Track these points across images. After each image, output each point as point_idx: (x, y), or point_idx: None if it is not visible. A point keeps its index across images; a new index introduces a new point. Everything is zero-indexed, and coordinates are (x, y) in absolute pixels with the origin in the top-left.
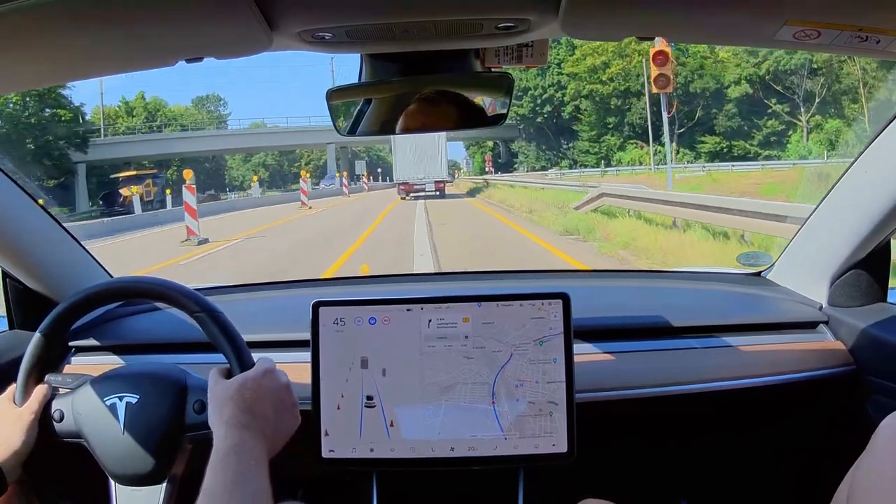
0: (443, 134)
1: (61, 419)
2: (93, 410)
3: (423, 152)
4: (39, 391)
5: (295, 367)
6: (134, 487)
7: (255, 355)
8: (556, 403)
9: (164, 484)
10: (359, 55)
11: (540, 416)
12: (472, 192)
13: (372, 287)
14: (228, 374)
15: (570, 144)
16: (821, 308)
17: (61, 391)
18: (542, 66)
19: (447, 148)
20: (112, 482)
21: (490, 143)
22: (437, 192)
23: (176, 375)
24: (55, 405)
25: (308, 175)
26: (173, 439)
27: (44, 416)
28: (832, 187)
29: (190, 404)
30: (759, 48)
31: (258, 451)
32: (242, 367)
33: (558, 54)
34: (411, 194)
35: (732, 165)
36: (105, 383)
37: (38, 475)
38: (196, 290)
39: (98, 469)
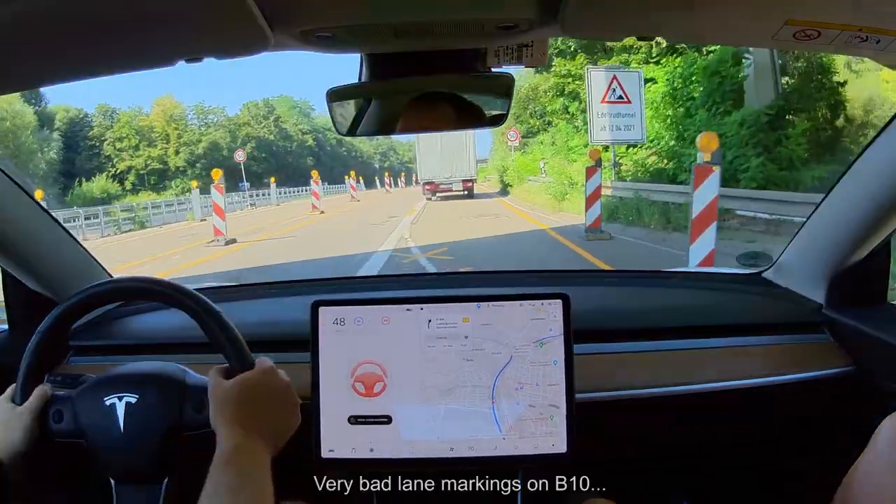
0: (471, 132)
1: (60, 420)
2: (92, 411)
3: (450, 151)
4: (40, 391)
5: (294, 367)
6: (134, 486)
7: (255, 356)
8: (556, 406)
9: (165, 482)
10: (359, 55)
11: (540, 420)
12: None
13: (372, 287)
14: (229, 374)
15: None
16: (820, 309)
17: (60, 392)
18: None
19: (476, 145)
20: (112, 482)
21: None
22: (465, 192)
23: (175, 374)
24: (54, 406)
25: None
26: (173, 438)
27: (42, 418)
28: (832, 187)
29: (189, 403)
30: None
31: (260, 452)
32: (242, 366)
33: None
34: (438, 194)
35: None
36: (104, 384)
37: (37, 479)
38: (196, 290)
39: (98, 469)
